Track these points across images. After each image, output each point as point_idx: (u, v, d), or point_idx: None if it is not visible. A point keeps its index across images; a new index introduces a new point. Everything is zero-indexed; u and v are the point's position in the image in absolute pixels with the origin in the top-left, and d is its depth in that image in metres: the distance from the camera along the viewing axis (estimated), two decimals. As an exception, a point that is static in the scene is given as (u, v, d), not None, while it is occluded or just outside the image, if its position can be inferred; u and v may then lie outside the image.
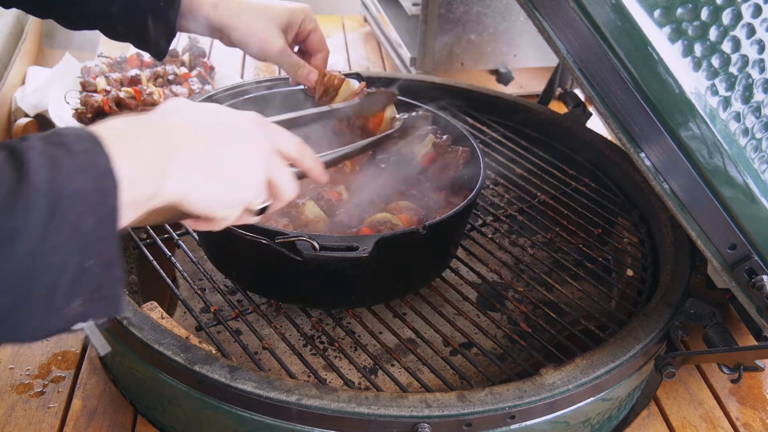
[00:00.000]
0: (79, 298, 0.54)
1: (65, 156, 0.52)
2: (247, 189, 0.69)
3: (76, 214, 0.51)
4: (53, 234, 0.50)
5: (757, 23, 0.81)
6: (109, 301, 0.56)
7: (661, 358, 0.95)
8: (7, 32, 1.72)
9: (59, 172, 0.51)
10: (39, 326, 0.53)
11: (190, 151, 0.63)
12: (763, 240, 0.85)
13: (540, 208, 1.27)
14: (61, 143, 0.53)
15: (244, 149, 0.69)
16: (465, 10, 1.71)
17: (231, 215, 0.69)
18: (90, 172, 0.52)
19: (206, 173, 0.64)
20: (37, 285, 0.51)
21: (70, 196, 0.51)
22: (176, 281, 1.15)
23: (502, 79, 1.80)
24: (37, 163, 0.50)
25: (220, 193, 0.66)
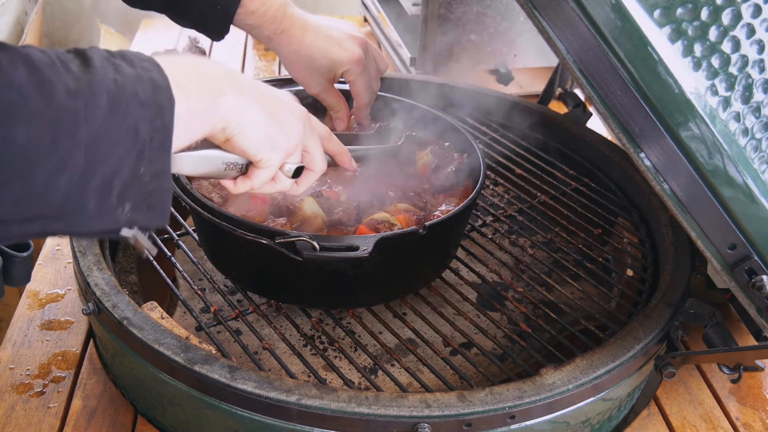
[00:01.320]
0: (129, 203, 0.57)
1: (127, 66, 0.56)
2: (291, 136, 0.74)
3: (133, 117, 0.54)
4: (113, 128, 0.53)
5: (757, 23, 0.81)
6: (158, 211, 0.59)
7: (661, 358, 0.95)
8: (7, 32, 1.73)
9: (121, 75, 0.55)
10: (92, 219, 0.55)
11: (243, 82, 0.68)
12: (763, 240, 0.85)
13: (540, 208, 1.27)
14: (123, 56, 0.57)
15: (287, 104, 0.74)
16: (465, 10, 1.71)
17: (273, 161, 0.73)
18: (149, 84, 0.56)
19: (259, 105, 0.69)
20: (96, 174, 0.53)
21: (130, 98, 0.54)
22: (176, 281, 1.15)
23: (502, 79, 1.80)
24: (102, 63, 0.54)
25: (269, 128, 0.70)
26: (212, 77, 0.65)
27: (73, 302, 1.12)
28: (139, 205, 0.58)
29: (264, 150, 0.71)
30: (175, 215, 1.18)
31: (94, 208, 0.54)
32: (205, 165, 0.72)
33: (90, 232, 0.56)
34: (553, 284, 1.10)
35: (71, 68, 0.52)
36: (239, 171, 0.75)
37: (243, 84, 0.68)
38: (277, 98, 0.73)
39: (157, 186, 0.58)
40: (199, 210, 0.91)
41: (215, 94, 0.64)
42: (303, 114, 0.77)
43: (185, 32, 2.05)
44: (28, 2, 1.99)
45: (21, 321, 1.08)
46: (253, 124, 0.68)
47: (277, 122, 0.72)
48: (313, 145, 0.79)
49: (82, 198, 0.54)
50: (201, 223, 1.03)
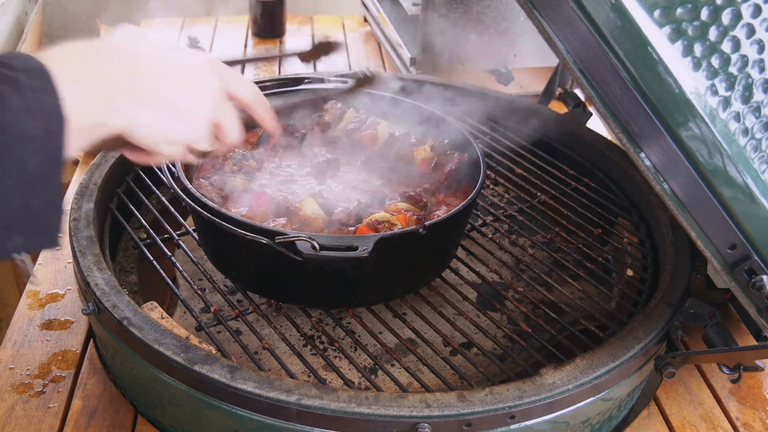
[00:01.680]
0: (19, 234, 0.55)
1: (14, 95, 0.52)
2: (193, 128, 0.69)
3: (21, 155, 0.52)
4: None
5: (756, 23, 0.81)
6: (49, 237, 0.57)
7: (661, 358, 0.95)
8: (7, 32, 1.73)
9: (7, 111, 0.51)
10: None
11: (138, 82, 0.63)
12: (763, 240, 0.85)
13: (540, 208, 1.27)
14: (11, 78, 0.53)
15: (193, 87, 0.69)
16: (465, 10, 1.71)
17: (174, 152, 0.69)
18: (38, 113, 0.53)
19: (153, 106, 0.64)
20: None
21: (17, 137, 0.51)
22: (176, 281, 1.15)
23: (502, 79, 1.80)
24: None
25: (165, 128, 0.66)
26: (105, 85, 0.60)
27: (73, 302, 1.12)
28: (30, 234, 0.55)
29: (160, 146, 0.67)
30: (175, 215, 1.18)
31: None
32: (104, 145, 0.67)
33: None
34: (553, 284, 1.10)
35: None
36: None
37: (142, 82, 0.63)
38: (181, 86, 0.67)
39: (49, 212, 0.56)
40: (199, 210, 0.91)
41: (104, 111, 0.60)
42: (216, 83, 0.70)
43: (185, 32, 2.05)
44: (28, 2, 1.99)
45: (21, 321, 1.08)
46: (145, 128, 0.64)
47: (177, 114, 0.66)
48: (225, 119, 0.72)
49: None
50: (201, 223, 1.03)
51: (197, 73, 0.69)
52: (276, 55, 1.58)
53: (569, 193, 1.30)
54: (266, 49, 2.08)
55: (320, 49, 1.07)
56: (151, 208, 1.18)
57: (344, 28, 2.27)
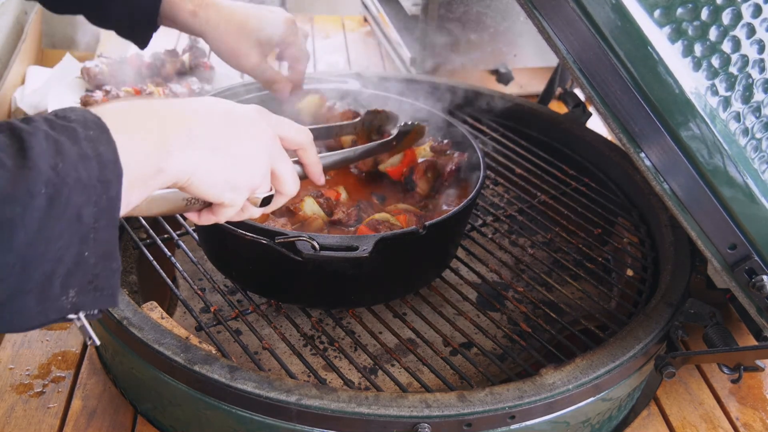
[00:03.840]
0: (74, 289, 0.53)
1: (70, 143, 0.51)
2: (253, 172, 0.68)
3: (77, 205, 0.50)
4: (53, 223, 0.49)
5: (757, 23, 0.81)
6: (106, 293, 0.55)
7: (661, 358, 0.95)
8: (7, 32, 1.73)
9: (63, 160, 0.50)
10: (33, 316, 0.52)
11: (195, 129, 0.62)
12: (763, 240, 0.85)
13: (540, 208, 1.27)
14: (66, 128, 0.52)
15: (246, 134, 0.68)
16: (465, 10, 1.71)
17: (237, 200, 0.68)
18: (94, 161, 0.51)
19: (212, 151, 0.63)
20: (35, 275, 0.50)
21: (73, 186, 0.50)
22: (176, 281, 1.15)
23: (502, 79, 1.80)
24: (41, 149, 0.49)
25: (226, 172, 0.65)
26: (160, 134, 0.59)
27: (73, 302, 1.12)
28: (85, 288, 0.53)
29: (225, 194, 0.66)
30: (175, 215, 1.18)
31: (35, 306, 0.51)
32: (165, 205, 0.67)
33: (33, 326, 0.53)
34: (553, 284, 1.10)
35: (5, 163, 0.47)
36: (202, 204, 0.70)
37: (194, 131, 0.62)
38: (236, 132, 0.67)
39: (104, 267, 0.54)
40: (199, 210, 0.91)
41: (160, 158, 0.58)
42: (268, 138, 0.71)
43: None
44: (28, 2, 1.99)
45: (21, 321, 1.08)
46: (206, 174, 0.63)
47: (237, 163, 0.66)
48: (281, 169, 0.72)
49: (20, 301, 0.50)
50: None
51: (248, 120, 0.69)
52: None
53: (569, 193, 1.30)
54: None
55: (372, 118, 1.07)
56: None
57: (344, 28, 2.27)
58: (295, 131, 0.76)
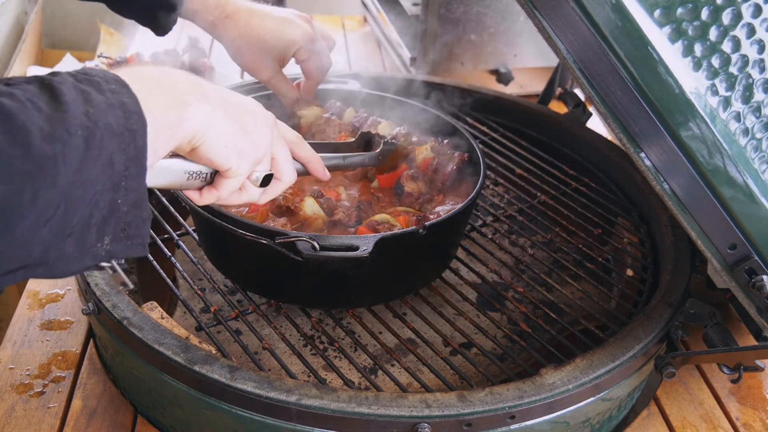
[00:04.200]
0: (108, 236, 0.55)
1: (96, 92, 0.53)
2: (258, 143, 0.71)
3: (108, 151, 0.52)
4: (90, 165, 0.51)
5: (757, 23, 0.81)
6: (137, 242, 0.58)
7: (661, 358, 0.95)
8: (7, 32, 1.73)
9: (93, 106, 0.52)
10: (71, 261, 0.54)
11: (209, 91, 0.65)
12: (763, 240, 0.85)
13: (540, 208, 1.27)
14: (90, 81, 0.54)
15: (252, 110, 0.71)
16: (465, 10, 1.71)
17: (241, 169, 0.70)
18: (119, 110, 0.54)
19: (224, 110, 0.66)
20: (75, 217, 0.51)
21: (104, 131, 0.52)
22: (176, 281, 1.15)
23: (502, 79, 1.80)
24: (71, 96, 0.51)
25: (235, 135, 0.67)
26: (177, 89, 0.62)
27: (73, 302, 1.12)
28: (118, 236, 0.56)
29: (232, 159, 0.68)
30: (175, 215, 1.18)
31: (74, 250, 0.53)
32: (167, 176, 0.68)
33: (70, 272, 0.55)
34: (553, 284, 1.10)
35: (41, 107, 0.49)
36: (203, 180, 0.71)
37: (208, 92, 0.65)
38: (243, 105, 0.70)
39: (135, 215, 0.56)
40: (199, 210, 0.91)
41: (181, 108, 0.61)
42: (270, 120, 0.74)
43: (185, 32, 2.05)
44: (28, 2, 1.99)
45: (21, 321, 1.08)
46: (219, 133, 0.65)
47: (245, 130, 0.68)
48: (281, 153, 0.76)
49: (62, 243, 0.52)
50: (201, 223, 1.03)
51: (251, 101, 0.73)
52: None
53: (569, 193, 1.30)
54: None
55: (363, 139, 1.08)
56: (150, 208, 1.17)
57: (344, 28, 2.27)
58: (289, 131, 0.79)
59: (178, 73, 0.65)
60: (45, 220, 0.49)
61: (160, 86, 0.61)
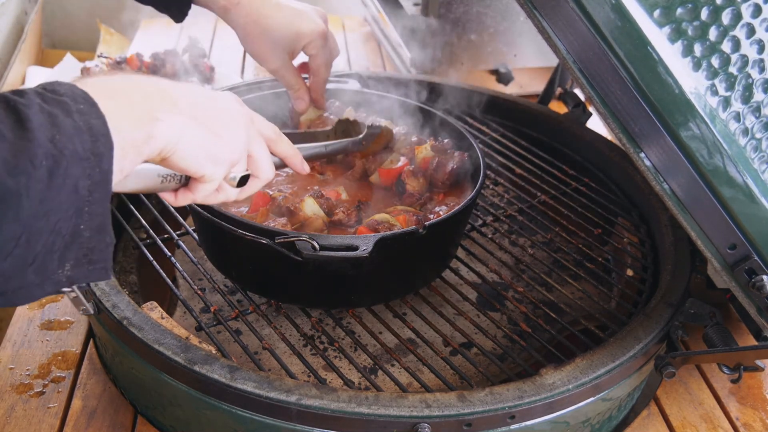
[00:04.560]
0: (70, 263, 0.54)
1: (63, 115, 0.51)
2: (233, 146, 0.69)
3: (73, 178, 0.51)
4: (54, 194, 0.50)
5: (756, 23, 0.81)
6: (99, 267, 0.56)
7: (661, 358, 0.95)
8: (7, 32, 1.73)
9: (59, 132, 0.50)
10: (33, 290, 0.53)
11: (178, 100, 0.63)
12: (763, 240, 0.85)
13: (540, 208, 1.27)
14: (58, 101, 0.52)
15: (226, 111, 0.70)
16: (465, 10, 1.71)
17: (216, 174, 0.69)
18: (86, 134, 0.52)
19: (195, 120, 0.64)
20: (36, 247, 0.50)
21: (70, 158, 0.51)
22: (176, 281, 1.15)
23: (502, 79, 1.80)
24: (38, 121, 0.50)
25: (208, 144, 0.66)
26: (145, 102, 0.60)
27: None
28: (80, 262, 0.54)
29: (205, 166, 0.67)
30: (175, 215, 1.18)
31: (35, 278, 0.52)
32: (139, 181, 0.67)
33: (31, 300, 0.53)
34: (553, 284, 1.10)
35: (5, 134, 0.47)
36: (178, 182, 0.70)
37: (177, 100, 0.63)
38: (215, 107, 0.68)
39: (99, 240, 0.55)
40: (199, 210, 0.91)
41: (149, 124, 0.59)
42: (245, 119, 0.72)
43: (185, 32, 2.05)
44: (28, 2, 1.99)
45: (21, 321, 1.08)
46: (190, 143, 0.64)
47: (217, 135, 0.67)
48: (258, 152, 0.74)
49: (24, 273, 0.51)
50: (201, 223, 1.03)
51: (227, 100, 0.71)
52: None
53: (569, 193, 1.30)
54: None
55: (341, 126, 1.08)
56: (150, 208, 1.18)
57: (344, 28, 2.27)
58: (266, 125, 0.77)
59: (148, 83, 0.63)
60: (6, 254, 0.48)
61: (130, 100, 0.59)
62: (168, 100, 0.62)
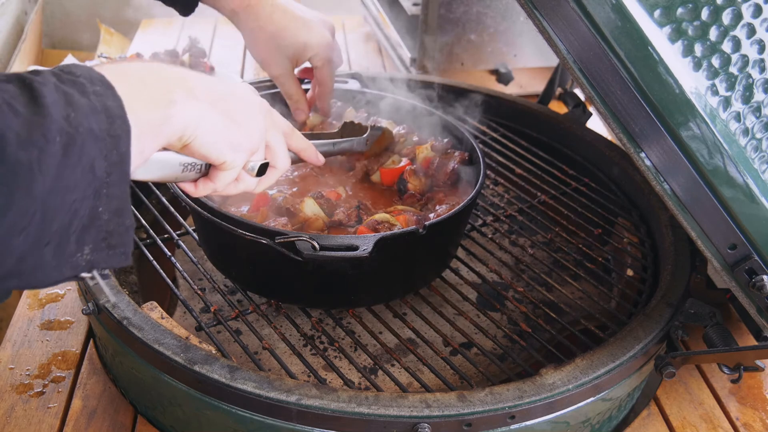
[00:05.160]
0: (89, 246, 0.53)
1: (79, 95, 0.51)
2: (251, 133, 0.70)
3: (89, 156, 0.51)
4: (69, 172, 0.49)
5: (757, 23, 0.81)
6: (119, 251, 0.56)
7: (661, 358, 0.95)
8: (7, 32, 1.73)
9: (75, 111, 0.50)
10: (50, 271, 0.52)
11: (194, 86, 0.64)
12: (763, 240, 0.85)
13: (540, 208, 1.27)
14: (74, 82, 0.52)
15: (244, 98, 0.70)
16: (465, 10, 1.71)
17: (237, 161, 0.69)
18: (103, 115, 0.52)
19: (213, 105, 0.65)
20: (53, 226, 0.50)
21: (85, 136, 0.50)
22: (176, 281, 1.15)
23: (502, 79, 1.80)
24: (52, 98, 0.49)
25: (227, 130, 0.66)
26: (161, 86, 0.60)
27: (73, 302, 1.12)
28: (99, 246, 0.54)
29: (226, 152, 0.67)
30: (175, 215, 1.18)
31: (52, 259, 0.51)
32: (161, 169, 0.67)
33: (48, 283, 0.53)
34: (553, 284, 1.10)
35: (18, 110, 0.47)
36: (199, 172, 0.70)
37: (194, 87, 0.63)
38: (233, 95, 0.69)
39: (118, 224, 0.55)
40: (199, 210, 0.91)
41: (166, 106, 0.59)
42: (263, 108, 0.73)
43: (185, 32, 2.05)
44: (28, 2, 1.99)
45: (21, 321, 1.08)
46: (210, 128, 0.64)
47: (236, 122, 0.67)
48: (275, 141, 0.75)
49: (39, 253, 0.50)
50: (201, 223, 1.03)
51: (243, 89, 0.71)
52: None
53: (569, 193, 1.30)
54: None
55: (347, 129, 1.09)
56: (151, 208, 1.18)
57: (344, 28, 2.27)
58: (281, 117, 0.78)
59: (165, 69, 0.63)
60: (20, 230, 0.48)
61: (146, 84, 0.59)
62: (184, 85, 0.62)
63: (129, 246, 0.56)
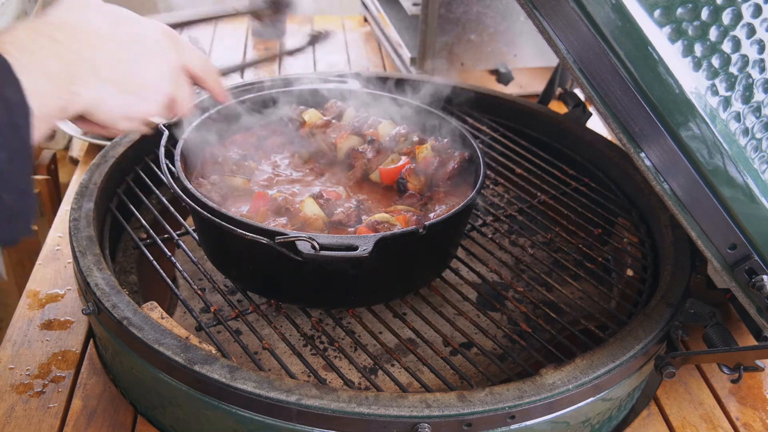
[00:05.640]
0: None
1: None
2: (151, 103, 0.71)
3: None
4: None
5: (757, 23, 0.81)
6: (22, 226, 0.58)
7: (661, 358, 0.95)
8: (7, 32, 1.72)
9: None
10: None
11: (98, 61, 0.64)
12: (763, 240, 0.85)
13: (540, 208, 1.27)
14: None
15: (151, 61, 0.70)
16: (465, 10, 1.71)
17: (130, 127, 0.71)
18: (3, 107, 0.53)
19: (113, 84, 0.66)
20: None
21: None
22: (176, 281, 1.15)
23: (502, 79, 1.80)
24: None
25: (126, 106, 0.68)
26: (67, 59, 0.60)
27: (73, 302, 1.12)
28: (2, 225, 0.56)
29: (121, 122, 0.69)
30: (175, 215, 1.18)
31: None
32: None
33: None
34: (553, 284, 1.10)
35: None
36: None
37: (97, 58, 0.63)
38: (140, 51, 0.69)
39: (21, 203, 0.56)
40: (199, 210, 0.91)
41: (69, 88, 0.60)
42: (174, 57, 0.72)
43: (185, 32, 2.06)
44: (28, 2, 1.99)
45: (21, 321, 1.08)
46: (108, 108, 0.66)
47: (138, 92, 0.68)
48: (180, 93, 0.75)
49: None
50: (201, 223, 1.03)
51: (154, 45, 0.71)
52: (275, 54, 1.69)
53: (569, 193, 1.30)
54: (266, 49, 2.08)
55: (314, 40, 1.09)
56: (151, 208, 1.18)
57: (344, 28, 2.27)
58: (197, 60, 0.77)
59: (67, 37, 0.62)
60: None
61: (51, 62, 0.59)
62: (88, 64, 0.63)
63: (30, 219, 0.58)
